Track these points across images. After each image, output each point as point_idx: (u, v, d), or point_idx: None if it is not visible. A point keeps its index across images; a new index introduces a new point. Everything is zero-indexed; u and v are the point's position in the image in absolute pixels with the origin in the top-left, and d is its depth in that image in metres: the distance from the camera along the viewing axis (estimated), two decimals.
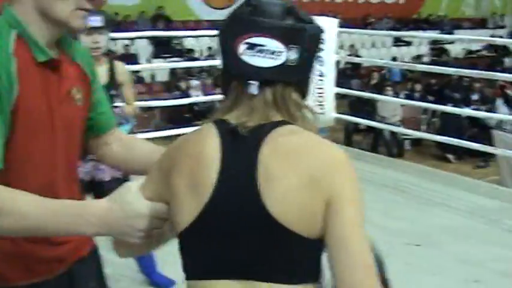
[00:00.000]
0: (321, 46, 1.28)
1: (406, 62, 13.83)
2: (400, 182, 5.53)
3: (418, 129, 10.60)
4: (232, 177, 1.18)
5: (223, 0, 16.55)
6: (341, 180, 1.17)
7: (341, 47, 15.25)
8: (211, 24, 15.24)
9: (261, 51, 1.19)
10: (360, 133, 10.69)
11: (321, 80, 6.32)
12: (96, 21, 3.08)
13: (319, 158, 1.18)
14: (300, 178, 1.15)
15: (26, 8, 1.41)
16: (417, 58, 16.88)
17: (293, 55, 1.20)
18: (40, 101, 1.42)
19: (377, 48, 17.56)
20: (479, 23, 21.37)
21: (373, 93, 9.28)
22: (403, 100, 9.92)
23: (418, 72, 12.30)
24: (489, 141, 7.76)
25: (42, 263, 1.54)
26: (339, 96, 6.77)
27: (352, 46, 15.87)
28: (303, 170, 1.15)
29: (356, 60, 12.14)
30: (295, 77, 1.24)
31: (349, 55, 14.21)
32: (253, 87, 1.20)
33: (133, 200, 1.28)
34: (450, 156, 10.30)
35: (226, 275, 1.20)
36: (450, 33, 17.13)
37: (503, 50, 18.17)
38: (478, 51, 18.73)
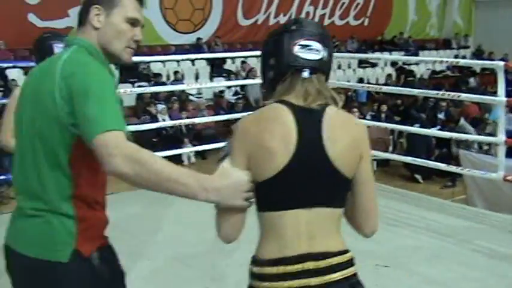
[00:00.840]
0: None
1: (371, 84, 13.95)
2: None
3: (386, 150, 10.66)
4: (307, 140, 1.74)
5: (190, 25, 16.61)
6: (367, 141, 1.84)
7: None
8: (178, 49, 15.28)
9: (310, 49, 1.79)
10: None
11: None
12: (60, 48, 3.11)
13: (357, 126, 1.84)
14: (349, 140, 1.77)
15: (94, 41, 1.88)
16: (388, 78, 17.07)
17: (326, 53, 1.81)
18: None
19: (343, 70, 17.73)
20: (443, 44, 21.75)
21: None
22: (370, 121, 9.98)
23: (383, 93, 12.41)
24: (457, 161, 7.83)
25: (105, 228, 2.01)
26: None
27: None
28: (350, 135, 1.78)
29: None
30: (327, 69, 1.85)
31: None
32: (306, 73, 1.78)
33: (234, 172, 1.72)
34: (418, 177, 10.38)
35: (298, 206, 1.75)
36: (415, 54, 17.38)
37: (468, 70, 18.49)
38: (442, 71, 19.04)
